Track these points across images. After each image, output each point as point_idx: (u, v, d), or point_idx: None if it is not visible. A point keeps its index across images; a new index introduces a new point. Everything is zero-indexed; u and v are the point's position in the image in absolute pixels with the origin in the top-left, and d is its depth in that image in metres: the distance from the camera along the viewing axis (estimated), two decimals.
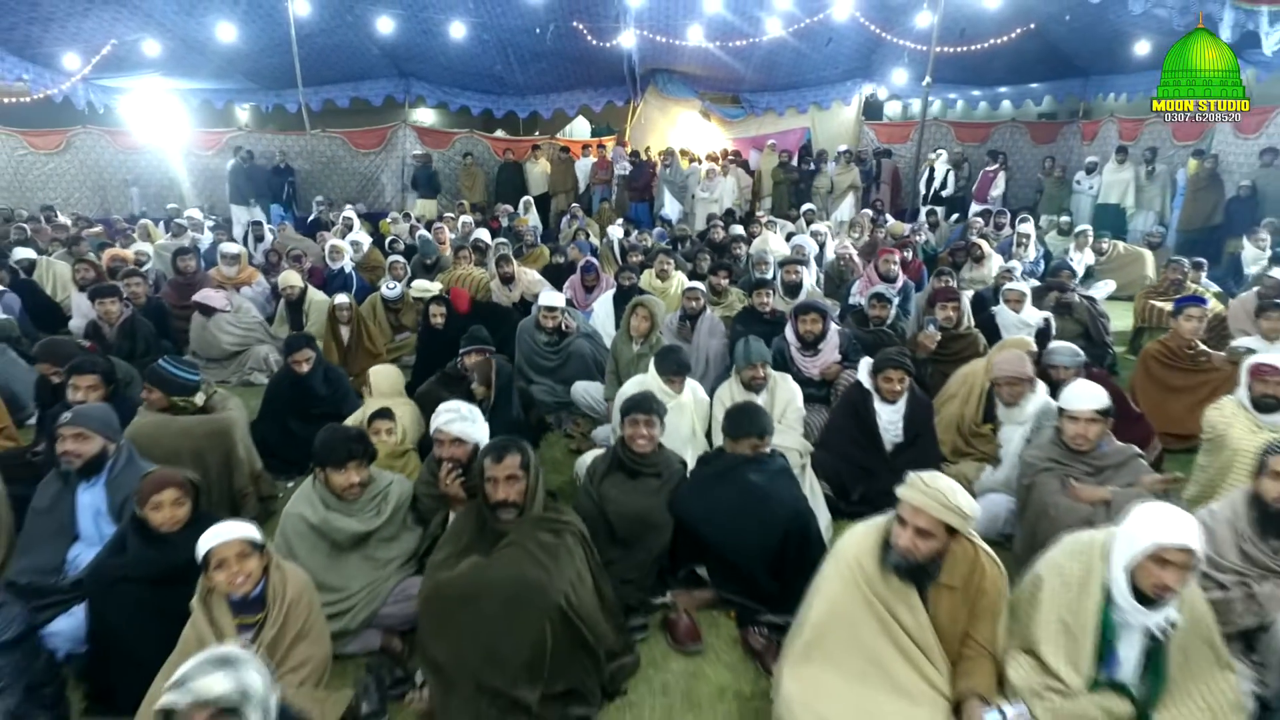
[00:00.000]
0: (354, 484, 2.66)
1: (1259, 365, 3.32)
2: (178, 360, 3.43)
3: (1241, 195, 9.63)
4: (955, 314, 4.71)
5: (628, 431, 3.03)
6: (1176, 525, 1.99)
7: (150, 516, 2.47)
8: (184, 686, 1.45)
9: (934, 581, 2.21)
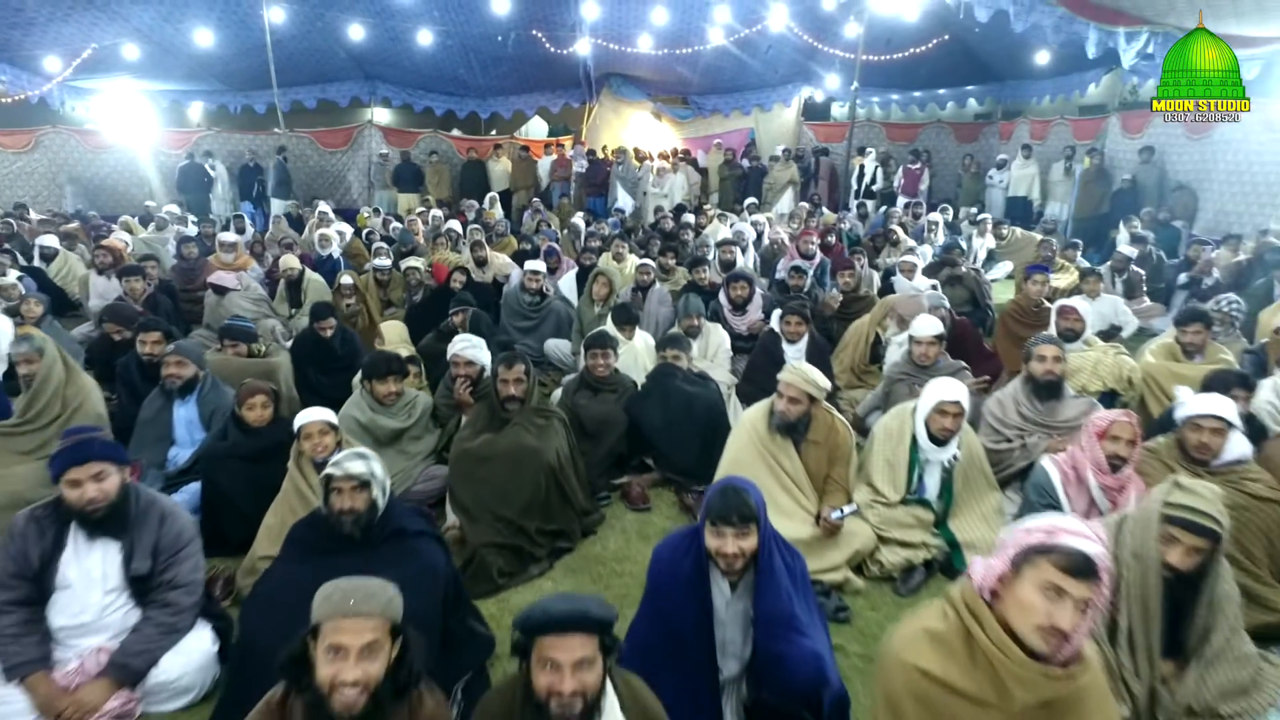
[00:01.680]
0: (392, 392, 3.62)
1: (1063, 306, 4.50)
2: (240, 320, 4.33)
3: (1124, 187, 11.03)
4: (852, 280, 5.82)
5: (589, 362, 4.05)
6: (950, 388, 3.08)
7: (246, 415, 3.40)
8: (338, 464, 2.39)
9: (804, 439, 3.27)
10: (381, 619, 1.62)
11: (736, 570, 2.06)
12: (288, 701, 1.66)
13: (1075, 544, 1.51)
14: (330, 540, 2.36)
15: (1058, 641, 1.53)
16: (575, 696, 1.53)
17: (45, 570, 2.41)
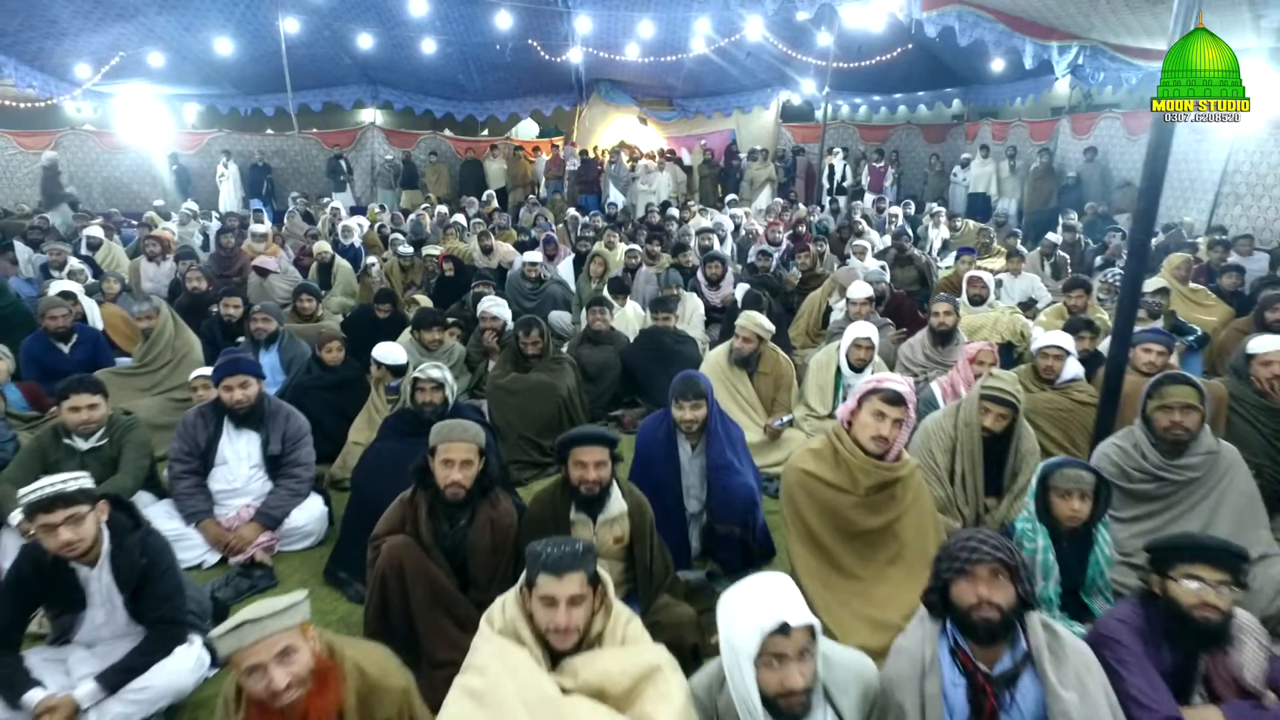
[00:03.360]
0: (436, 339, 4.62)
1: (971, 277, 5.57)
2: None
3: (1069, 184, 12.14)
4: (808, 260, 6.87)
5: (590, 318, 5.07)
6: (863, 328, 4.12)
7: (324, 356, 4.39)
8: (423, 371, 3.38)
9: (756, 370, 4.29)
10: (473, 443, 2.61)
11: (695, 433, 3.08)
12: (415, 497, 2.65)
13: (891, 385, 2.54)
14: (415, 424, 3.36)
15: (884, 446, 2.56)
16: (595, 484, 2.53)
17: (208, 450, 3.40)
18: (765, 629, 1.58)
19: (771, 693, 1.60)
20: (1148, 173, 2.95)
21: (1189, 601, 1.90)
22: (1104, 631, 2.00)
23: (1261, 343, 3.72)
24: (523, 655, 1.83)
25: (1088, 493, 2.43)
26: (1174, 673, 1.92)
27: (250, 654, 1.67)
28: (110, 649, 2.42)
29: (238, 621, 1.68)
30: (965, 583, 1.76)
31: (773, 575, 1.74)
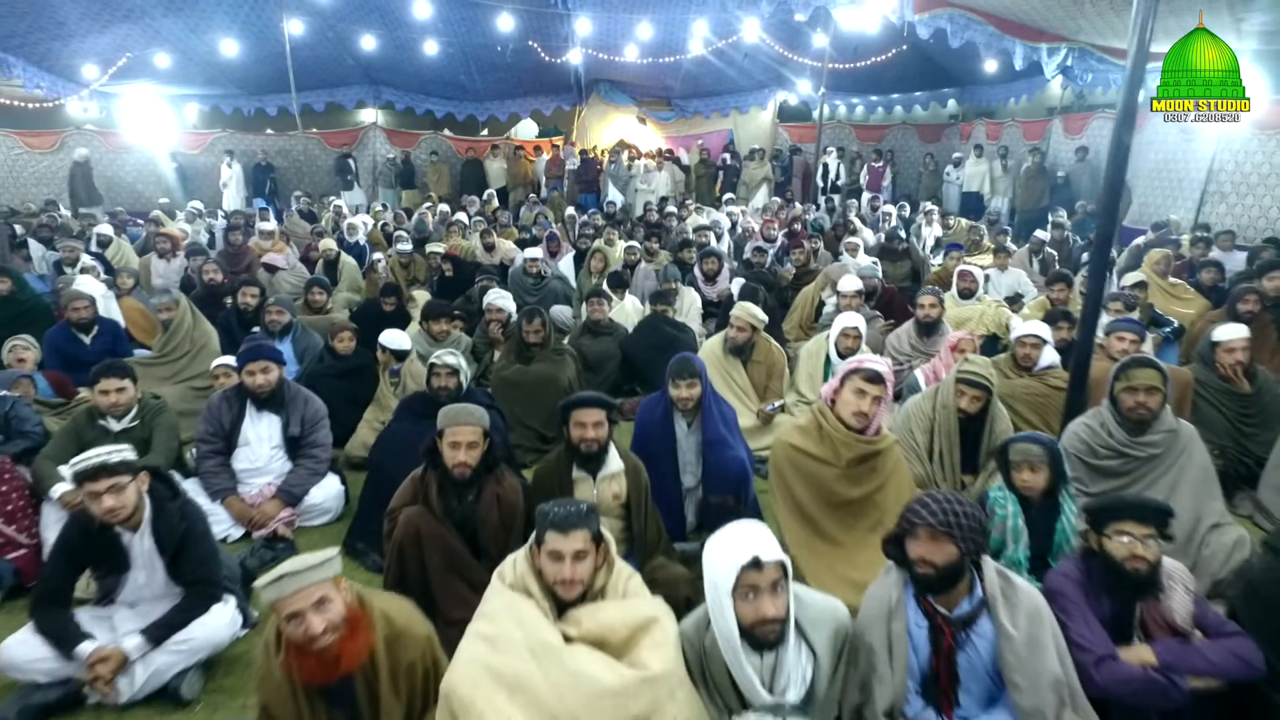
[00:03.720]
0: (444, 330, 4.82)
1: (961, 271, 5.77)
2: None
3: (1060, 183, 12.36)
4: (802, 256, 7.08)
5: (590, 309, 5.27)
6: (851, 318, 4.33)
7: (336, 345, 4.60)
8: (439, 358, 3.59)
9: (749, 359, 4.50)
10: (478, 426, 2.81)
11: (690, 410, 3.29)
12: (426, 475, 2.86)
13: (870, 365, 2.75)
14: (429, 407, 3.56)
15: (864, 421, 2.77)
16: (594, 442, 2.76)
17: (232, 431, 3.61)
18: (740, 563, 1.80)
19: (748, 623, 1.81)
20: (1110, 171, 3.17)
21: (1121, 554, 2.11)
22: (1050, 585, 2.21)
23: (1224, 331, 3.94)
24: (530, 606, 2.04)
25: (1037, 465, 2.64)
26: (1113, 619, 2.13)
27: (290, 603, 1.88)
28: (150, 608, 2.62)
29: (279, 574, 1.88)
30: (911, 541, 1.98)
31: (749, 521, 1.95)
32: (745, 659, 1.84)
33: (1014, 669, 1.95)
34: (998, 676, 2.00)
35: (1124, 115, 3.23)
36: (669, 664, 1.90)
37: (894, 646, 1.97)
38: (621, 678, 1.88)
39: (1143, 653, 2.05)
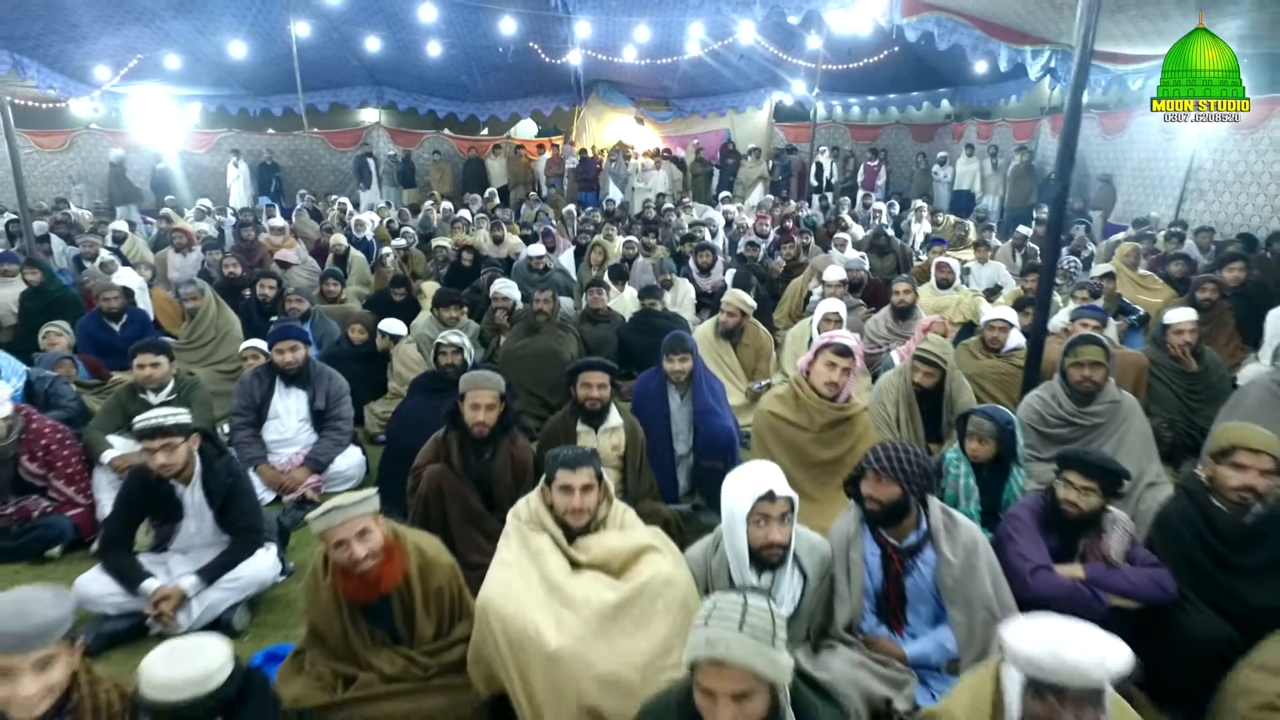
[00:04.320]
0: (453, 316, 5.16)
1: (938, 263, 6.10)
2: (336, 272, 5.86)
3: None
4: (792, 250, 7.42)
5: (590, 298, 5.61)
6: (832, 305, 4.67)
7: (350, 334, 4.93)
8: (445, 338, 3.92)
9: (739, 342, 4.84)
10: (495, 390, 3.14)
11: (682, 384, 3.63)
12: (447, 436, 3.19)
13: (840, 340, 3.09)
14: (440, 383, 3.91)
15: (835, 390, 3.11)
16: (598, 400, 3.12)
17: (263, 405, 3.95)
18: (757, 494, 2.13)
19: (757, 545, 2.16)
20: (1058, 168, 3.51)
21: (1061, 495, 2.46)
22: (1011, 511, 2.57)
23: (1174, 314, 4.29)
24: (545, 540, 2.37)
25: (985, 438, 2.98)
26: (1059, 551, 2.48)
27: (337, 532, 2.22)
28: (200, 554, 2.96)
29: (328, 508, 2.22)
30: (863, 481, 2.32)
31: (764, 462, 2.29)
32: (749, 576, 2.18)
33: (951, 590, 2.29)
34: (940, 598, 2.34)
35: (1071, 114, 3.57)
36: (657, 578, 2.23)
37: (851, 571, 2.32)
38: (619, 592, 2.22)
39: (1074, 570, 2.40)
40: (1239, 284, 5.82)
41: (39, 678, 1.63)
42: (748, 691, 1.40)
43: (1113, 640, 1.50)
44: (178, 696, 1.54)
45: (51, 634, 1.65)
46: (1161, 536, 2.55)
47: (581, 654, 2.10)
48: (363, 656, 2.29)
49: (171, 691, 1.55)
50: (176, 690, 1.55)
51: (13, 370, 3.81)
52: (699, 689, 1.45)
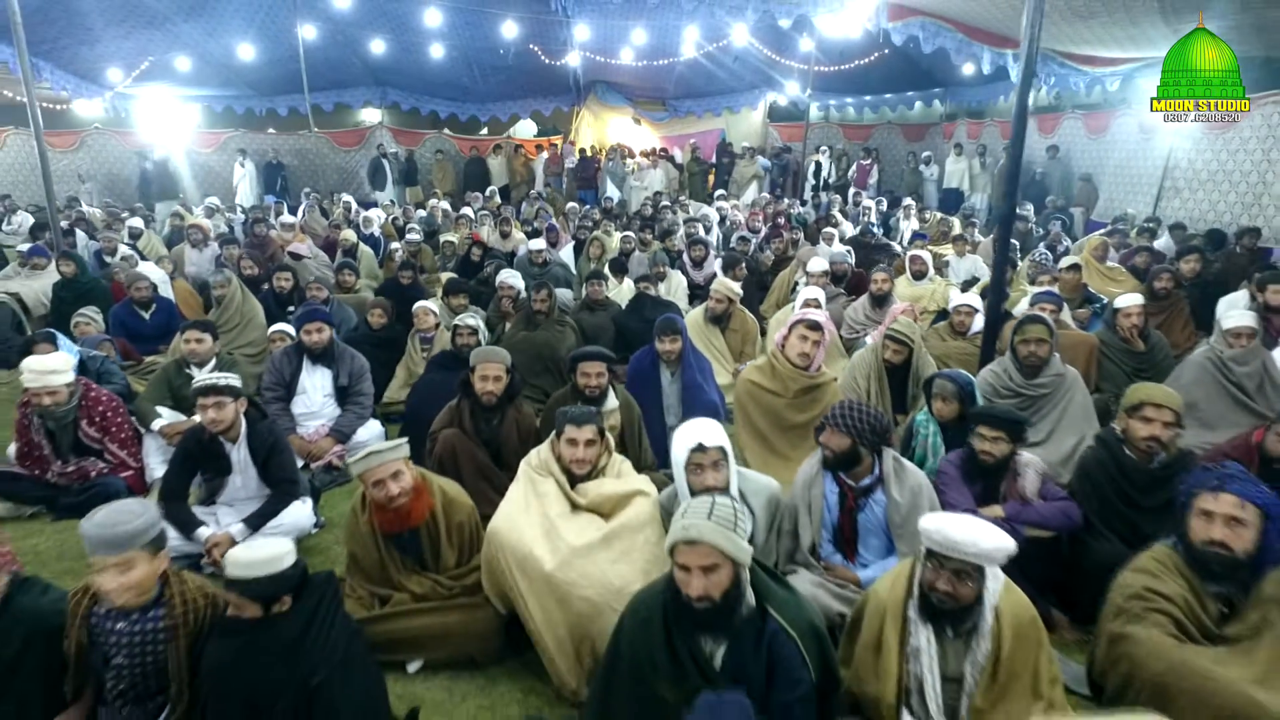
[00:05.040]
0: (462, 304, 5.55)
1: (913, 255, 6.51)
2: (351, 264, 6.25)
3: (1036, 179, 13.10)
4: (781, 245, 7.82)
5: (589, 289, 6.00)
6: (813, 292, 5.06)
7: (370, 320, 5.32)
8: (461, 320, 4.31)
9: (727, 327, 5.24)
10: (503, 363, 3.54)
11: (672, 362, 4.03)
12: (460, 404, 3.59)
13: (811, 316, 3.48)
14: (454, 362, 4.30)
15: (806, 360, 3.51)
16: (596, 388, 3.48)
17: (291, 382, 4.34)
18: (689, 446, 2.53)
19: (695, 489, 2.54)
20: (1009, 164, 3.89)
21: (977, 447, 2.86)
22: (939, 468, 2.96)
23: (1123, 300, 4.69)
24: (550, 484, 2.77)
25: (949, 398, 3.37)
26: (984, 492, 2.88)
27: (374, 473, 2.61)
28: (244, 506, 3.35)
29: (367, 452, 2.62)
30: (822, 432, 2.72)
31: (703, 419, 2.68)
32: None
33: (899, 526, 2.69)
34: (889, 534, 2.74)
35: (1019, 113, 3.96)
36: (640, 517, 2.63)
37: (812, 505, 2.72)
38: (602, 530, 2.62)
39: (995, 509, 2.80)
40: (1195, 275, 6.23)
41: (119, 576, 2.03)
42: (715, 565, 1.80)
43: (998, 534, 1.90)
44: (255, 574, 1.95)
45: (131, 543, 2.04)
46: (1081, 480, 2.95)
47: (573, 575, 2.50)
48: (395, 579, 2.69)
49: (251, 569, 1.95)
50: (254, 569, 1.95)
51: (69, 349, 4.18)
52: (676, 566, 1.84)
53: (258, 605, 1.97)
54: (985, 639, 1.97)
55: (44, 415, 3.61)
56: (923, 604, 2.03)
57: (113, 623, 2.10)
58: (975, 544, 1.86)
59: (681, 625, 1.90)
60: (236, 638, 1.98)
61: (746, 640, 1.91)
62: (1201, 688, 1.81)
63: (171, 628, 2.11)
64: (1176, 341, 5.55)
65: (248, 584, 1.94)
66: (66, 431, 3.66)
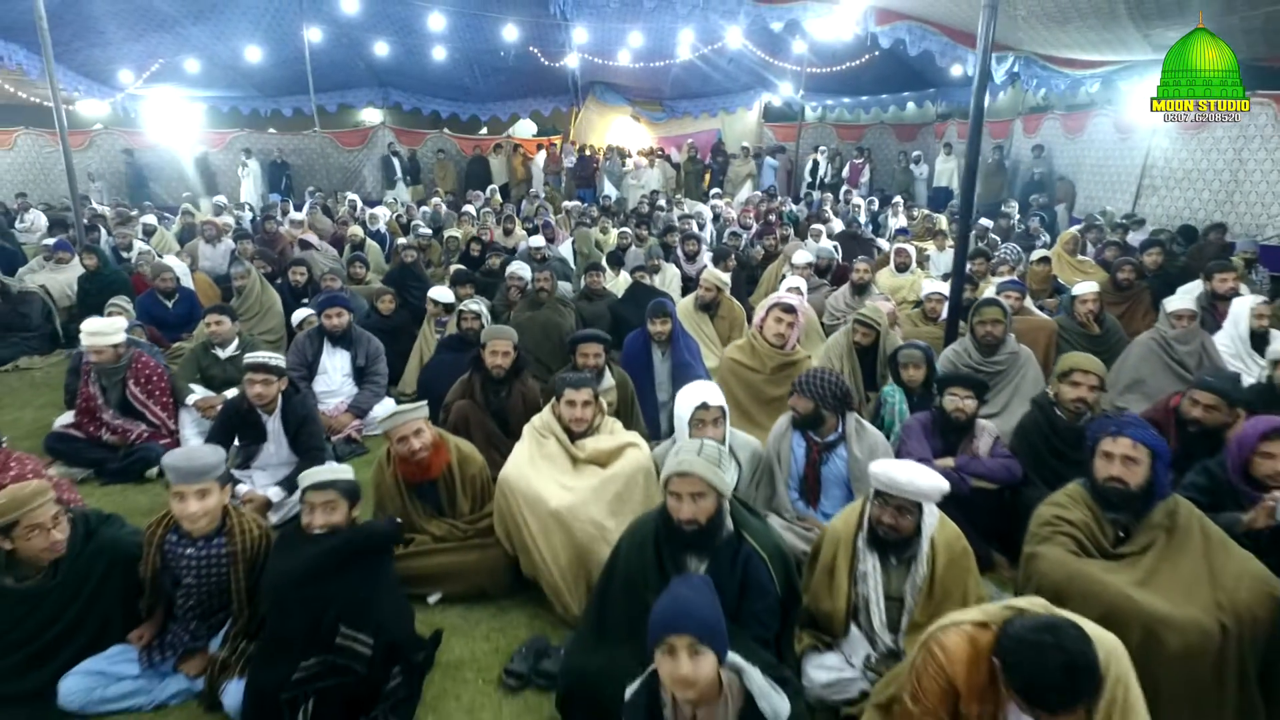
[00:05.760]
0: (467, 293, 5.93)
1: (897, 248, 6.90)
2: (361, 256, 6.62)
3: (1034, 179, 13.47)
4: (771, 241, 8.21)
5: (588, 279, 6.39)
6: (794, 281, 5.45)
7: (380, 307, 5.71)
8: (467, 306, 4.69)
9: (715, 314, 5.62)
10: (510, 340, 3.92)
11: (663, 342, 4.41)
12: (471, 377, 3.97)
13: (786, 300, 3.87)
14: (461, 344, 4.69)
15: (782, 340, 3.89)
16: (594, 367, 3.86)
17: (313, 362, 4.73)
18: (695, 404, 2.91)
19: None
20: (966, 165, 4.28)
21: (951, 406, 3.25)
22: (905, 424, 3.36)
23: (1080, 287, 5.08)
24: (551, 442, 3.15)
25: (917, 364, 3.76)
26: (945, 450, 3.27)
27: (398, 431, 3.00)
28: (277, 471, 3.74)
29: (393, 413, 3.01)
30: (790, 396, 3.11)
31: (705, 382, 3.06)
32: None
33: (857, 480, 3.08)
34: (849, 486, 3.12)
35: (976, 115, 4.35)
36: (632, 465, 3.02)
37: (781, 457, 3.11)
38: (600, 476, 3.00)
39: (947, 461, 3.19)
40: (1158, 267, 6.62)
41: (200, 502, 2.42)
42: (702, 493, 2.19)
43: (933, 476, 2.29)
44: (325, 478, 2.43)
45: (209, 473, 2.44)
46: (1019, 437, 3.35)
47: (573, 514, 2.89)
48: (418, 523, 3.08)
49: (322, 475, 2.43)
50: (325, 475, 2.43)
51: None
52: (669, 494, 2.23)
53: (346, 502, 2.45)
54: (923, 564, 2.36)
55: (98, 371, 4.09)
56: (871, 536, 2.42)
57: (183, 548, 2.49)
58: (913, 483, 2.25)
59: (671, 545, 2.28)
60: (297, 551, 2.37)
61: (724, 559, 2.29)
62: (1089, 589, 2.19)
63: (232, 553, 2.49)
64: (1139, 329, 5.91)
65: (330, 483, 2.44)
66: (115, 388, 4.13)
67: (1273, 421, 2.60)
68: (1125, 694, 1.76)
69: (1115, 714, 1.74)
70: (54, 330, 6.76)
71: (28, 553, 2.40)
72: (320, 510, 2.45)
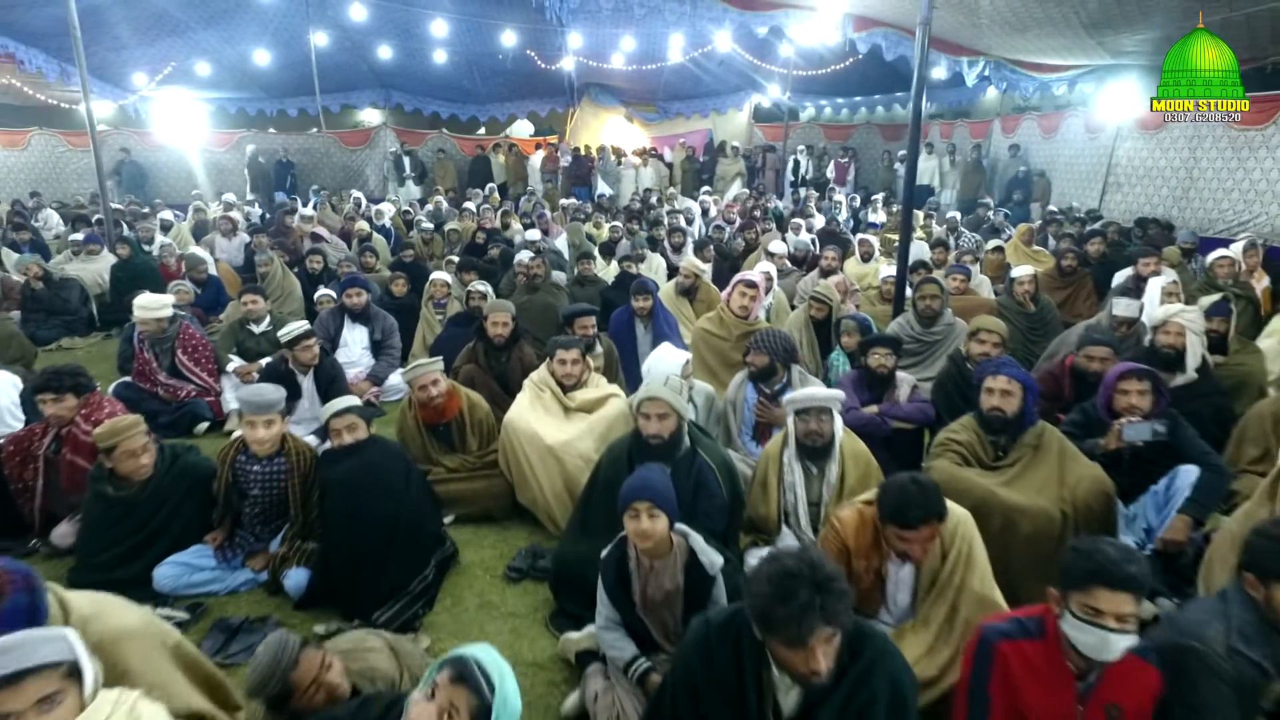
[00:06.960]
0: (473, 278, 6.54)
1: (861, 239, 7.51)
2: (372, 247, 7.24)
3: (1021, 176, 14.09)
4: (751, 235, 8.84)
5: (580, 267, 7.00)
6: (764, 266, 6.06)
7: (394, 289, 6.32)
8: (473, 287, 5.30)
9: (695, 298, 6.23)
10: (508, 312, 4.54)
11: (645, 317, 5.03)
12: (475, 345, 4.58)
13: (748, 276, 4.49)
14: (468, 320, 5.30)
15: (745, 311, 4.52)
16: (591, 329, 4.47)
17: (335, 336, 5.34)
18: (683, 360, 3.54)
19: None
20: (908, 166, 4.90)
21: (874, 363, 3.87)
22: (838, 380, 3.98)
23: (1018, 270, 5.71)
24: (547, 395, 3.77)
25: (853, 332, 4.38)
26: (870, 400, 3.89)
27: (420, 380, 3.63)
28: (310, 425, 4.35)
29: (415, 365, 3.64)
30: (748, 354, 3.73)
31: (669, 345, 3.69)
32: None
33: None
34: None
35: (915, 118, 4.97)
36: (614, 411, 3.65)
37: (737, 406, 3.73)
38: (587, 420, 3.63)
39: (871, 409, 3.81)
40: (1101, 256, 7.25)
41: (267, 429, 3.04)
42: (665, 414, 2.82)
43: (830, 390, 2.92)
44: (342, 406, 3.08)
45: (273, 407, 3.07)
46: (936, 388, 3.99)
47: (565, 449, 3.51)
48: (434, 458, 3.70)
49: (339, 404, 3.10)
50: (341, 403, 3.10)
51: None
52: (640, 415, 2.85)
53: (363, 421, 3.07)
54: (835, 468, 2.98)
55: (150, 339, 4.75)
56: (798, 448, 3.04)
57: (251, 465, 3.11)
58: (814, 396, 2.89)
59: (641, 455, 2.90)
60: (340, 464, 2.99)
61: (683, 467, 2.91)
62: (963, 486, 2.81)
63: (289, 470, 3.11)
64: (1080, 312, 6.57)
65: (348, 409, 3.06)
66: (166, 355, 4.77)
67: (1128, 365, 3.23)
68: (969, 549, 2.38)
69: (960, 563, 2.37)
70: (90, 314, 7.36)
71: (123, 470, 3.01)
72: (345, 431, 3.07)
